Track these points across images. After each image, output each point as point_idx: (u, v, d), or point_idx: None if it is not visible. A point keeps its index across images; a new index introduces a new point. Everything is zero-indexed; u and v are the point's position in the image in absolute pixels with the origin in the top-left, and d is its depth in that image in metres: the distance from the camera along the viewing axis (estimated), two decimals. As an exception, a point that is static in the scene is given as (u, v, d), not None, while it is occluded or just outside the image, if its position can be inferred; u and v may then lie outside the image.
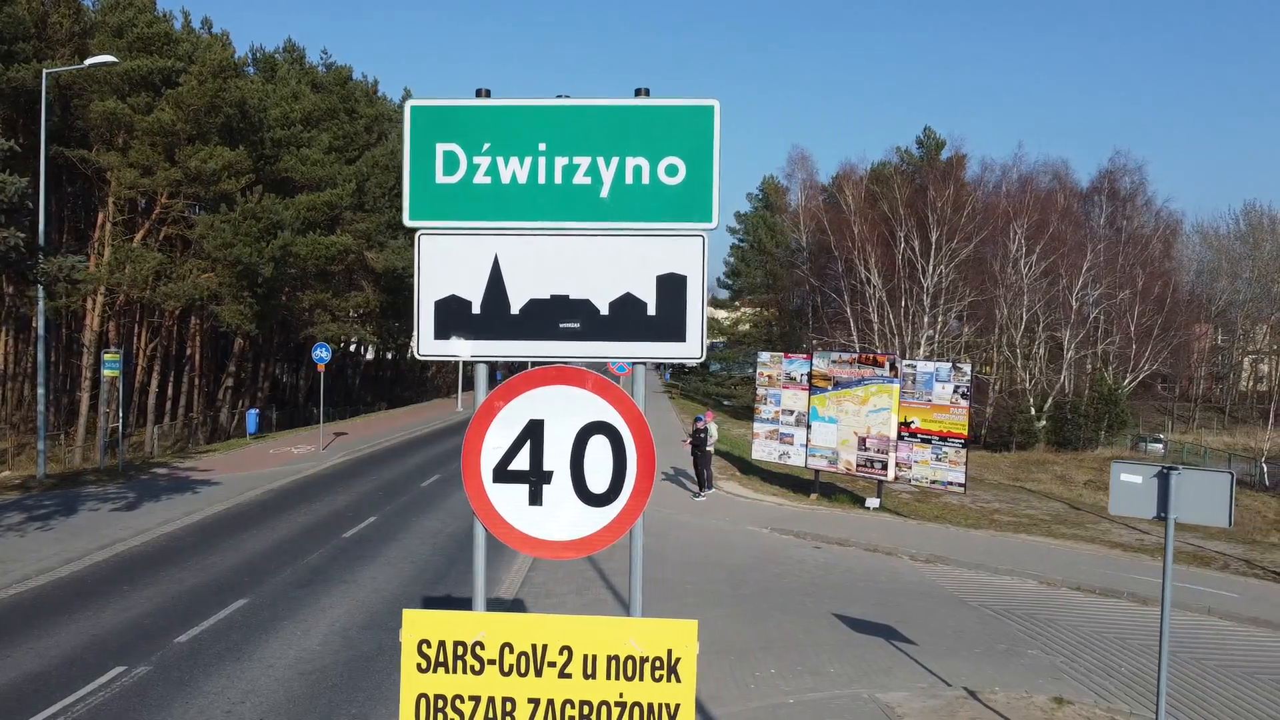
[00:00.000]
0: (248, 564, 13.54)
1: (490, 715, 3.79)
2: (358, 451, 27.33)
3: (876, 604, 12.41)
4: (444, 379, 60.82)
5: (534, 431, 3.77)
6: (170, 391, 36.81)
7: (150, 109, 27.26)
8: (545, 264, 3.80)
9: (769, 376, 22.76)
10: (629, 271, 3.78)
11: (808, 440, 21.61)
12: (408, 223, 3.84)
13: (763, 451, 22.77)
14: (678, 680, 3.81)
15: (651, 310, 3.79)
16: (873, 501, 20.44)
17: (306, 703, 8.40)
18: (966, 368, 19.55)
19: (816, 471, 21.82)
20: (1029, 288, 51.93)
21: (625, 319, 3.79)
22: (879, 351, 48.83)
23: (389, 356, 67.41)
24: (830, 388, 21.20)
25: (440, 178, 3.79)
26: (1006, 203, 54.89)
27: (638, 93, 3.82)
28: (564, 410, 3.75)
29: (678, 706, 3.78)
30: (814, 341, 54.40)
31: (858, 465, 20.65)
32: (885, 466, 20.13)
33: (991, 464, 43.99)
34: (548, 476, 3.77)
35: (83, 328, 30.47)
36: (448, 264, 3.81)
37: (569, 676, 3.79)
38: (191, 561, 13.59)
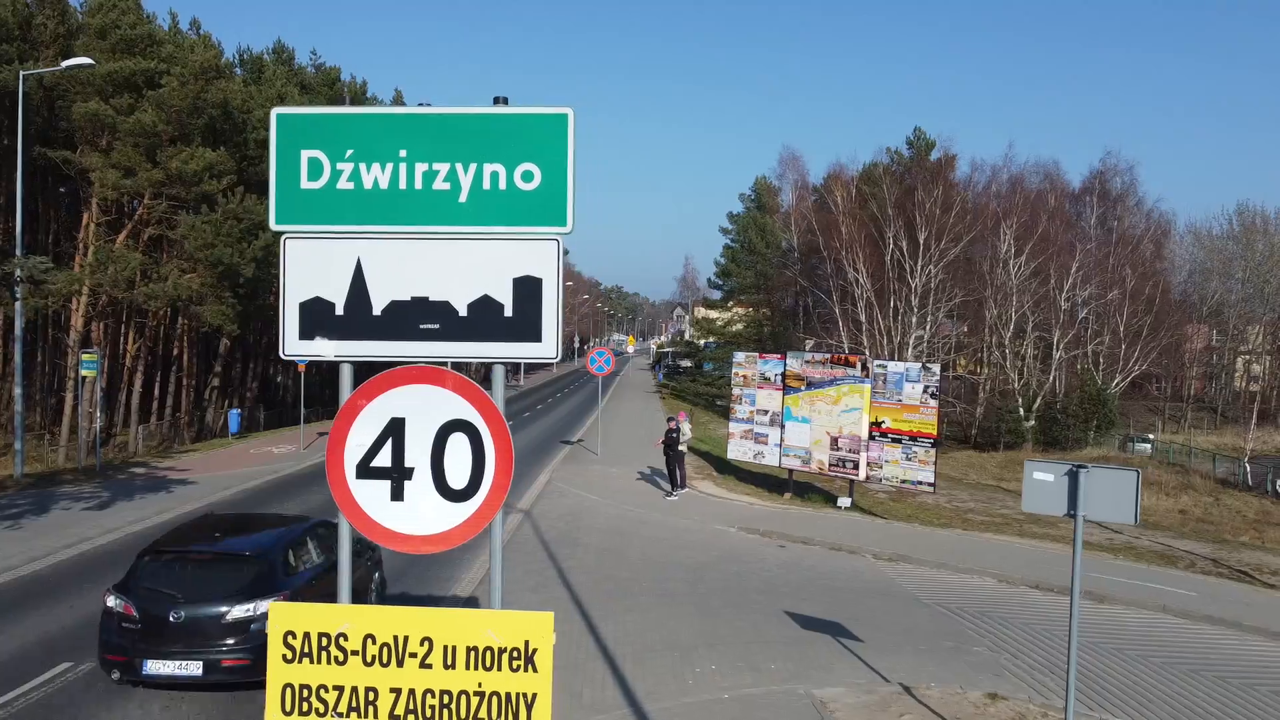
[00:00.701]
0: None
1: (354, 704, 3.90)
2: (339, 451, 27.44)
3: (830, 602, 12.52)
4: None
5: (396, 429, 3.89)
6: (157, 391, 36.93)
7: (133, 110, 27.39)
8: (406, 267, 3.92)
9: (744, 376, 22.88)
10: (487, 274, 3.90)
11: (782, 440, 21.72)
12: (273, 227, 3.96)
13: (738, 451, 22.89)
14: (535, 670, 3.92)
15: (509, 312, 3.91)
16: (844, 501, 20.56)
17: (245, 691, 8.52)
18: (936, 368, 19.67)
19: (790, 471, 21.94)
20: (1018, 288, 52.06)
21: (483, 320, 3.91)
22: (868, 352, 48.98)
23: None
24: (803, 388, 21.32)
25: (305, 183, 3.91)
26: (996, 203, 55.05)
27: (496, 101, 3.94)
28: (425, 409, 3.86)
29: (534, 696, 3.89)
30: (807, 342, 54.58)
31: (830, 465, 20.76)
32: (857, 466, 20.25)
33: (978, 464, 44.18)
34: (409, 473, 3.89)
35: (69, 328, 30.58)
36: (312, 267, 3.93)
37: (430, 667, 3.90)
38: (155, 560, 13.70)
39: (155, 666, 8.11)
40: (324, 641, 3.94)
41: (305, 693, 3.92)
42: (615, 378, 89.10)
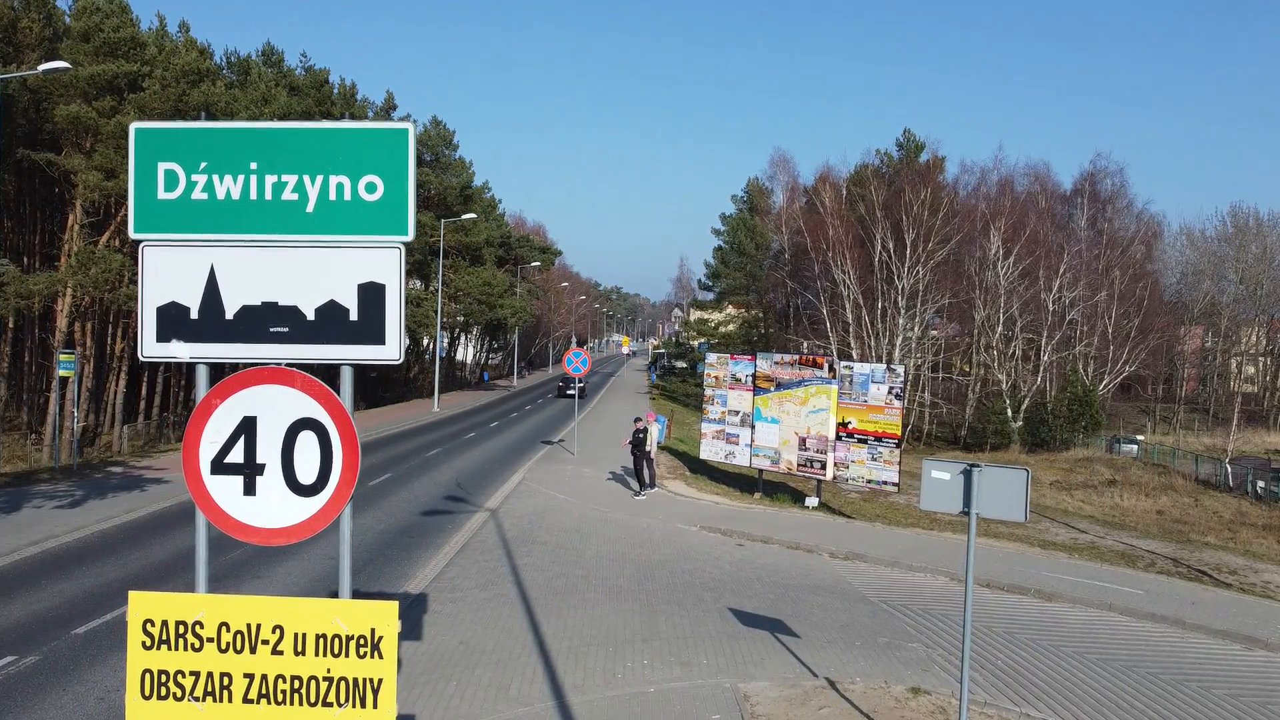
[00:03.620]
0: (172, 559, 13.87)
1: (209, 689, 4.12)
2: (319, 451, 27.67)
3: (775, 599, 12.73)
4: (425, 380, 61.10)
5: (248, 427, 4.10)
6: (144, 391, 37.16)
7: (116, 113, 27.63)
8: (257, 273, 4.13)
9: (716, 378, 23.10)
10: (333, 280, 4.12)
11: (752, 440, 21.94)
12: (132, 236, 4.18)
13: (710, 451, 23.11)
14: (380, 657, 4.13)
15: (354, 316, 4.12)
16: (811, 500, 20.76)
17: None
18: (900, 369, 19.89)
19: (760, 471, 22.16)
20: (1007, 289, 52.26)
21: (330, 324, 4.12)
22: (856, 353, 49.16)
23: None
24: (773, 389, 21.53)
25: (162, 194, 4.12)
26: (985, 205, 55.22)
27: (342, 118, 4.15)
28: (276, 407, 4.08)
29: (380, 680, 4.10)
30: (803, 344, 54.75)
31: (798, 465, 20.98)
32: (824, 466, 20.46)
33: (963, 465, 44.29)
34: (261, 469, 4.10)
35: (54, 329, 30.80)
36: (169, 273, 4.14)
37: (281, 653, 4.11)
38: (114, 557, 13.93)
39: None
40: (181, 629, 4.15)
41: (164, 678, 4.13)
42: (611, 378, 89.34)
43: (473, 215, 52.40)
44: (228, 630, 4.13)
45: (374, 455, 27.29)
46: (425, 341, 64.23)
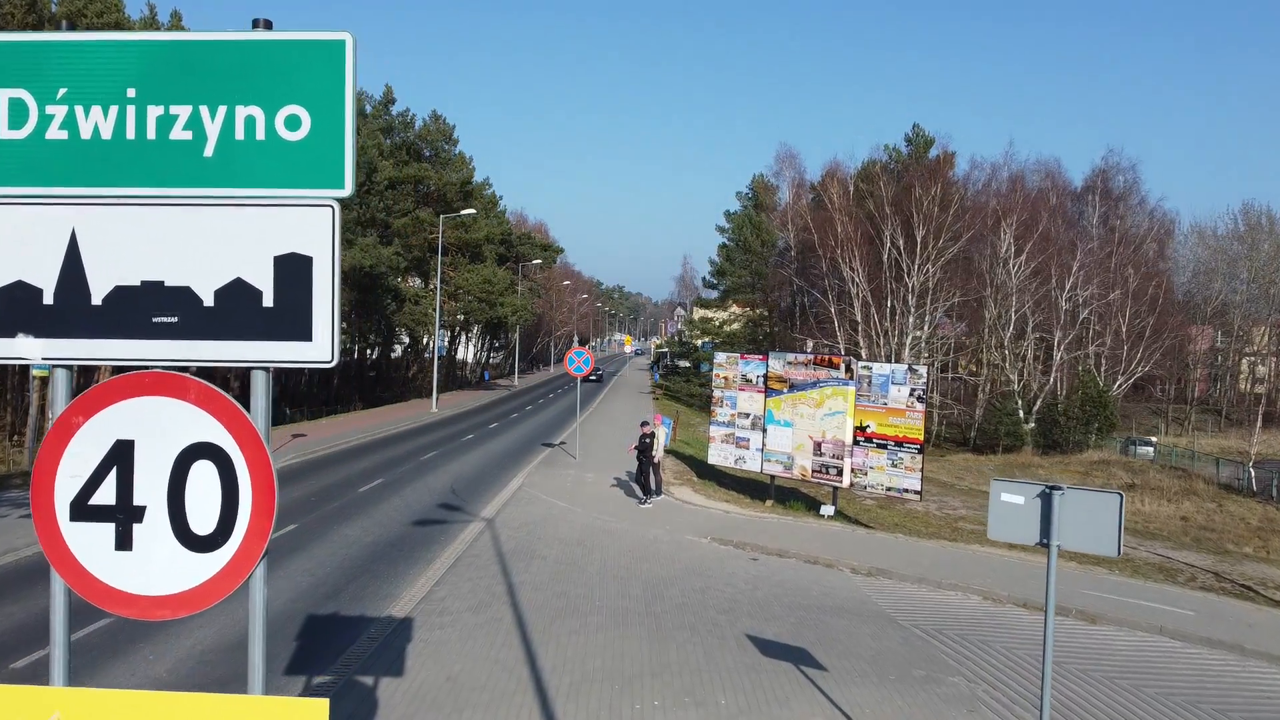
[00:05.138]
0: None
1: (68, 818, 2.97)
2: (310, 454, 26.55)
3: (797, 623, 11.58)
4: (424, 380, 59.99)
5: (122, 455, 2.95)
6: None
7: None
8: (135, 242, 2.98)
9: (725, 378, 21.95)
10: (240, 251, 2.97)
11: (763, 444, 20.80)
12: (-38, 188, 3.02)
13: (718, 456, 21.96)
14: (305, 771, 2.97)
15: (268, 300, 2.97)
16: (827, 509, 19.61)
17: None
18: (923, 370, 18.71)
19: (772, 477, 21.01)
20: (1018, 288, 51.04)
21: (235, 312, 2.97)
22: (865, 352, 47.97)
23: (372, 356, 66.70)
24: (785, 390, 20.39)
25: (4, 132, 2.97)
26: (996, 201, 54.00)
27: (256, 25, 3.00)
28: (160, 428, 2.93)
29: (305, 804, 2.95)
30: (808, 343, 53.57)
31: (813, 471, 19.83)
32: (841, 473, 19.31)
33: (976, 467, 43.17)
34: (139, 513, 2.95)
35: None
36: (12, 242, 2.99)
37: (170, 767, 2.97)
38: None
39: None
40: (29, 733, 3.00)
41: (5, 802, 2.98)
42: (613, 377, 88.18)
43: (472, 211, 51.24)
44: (96, 735, 2.98)
45: (366, 459, 26.15)
46: (425, 340, 63.13)
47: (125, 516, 2.95)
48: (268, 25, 2.99)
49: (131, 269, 2.97)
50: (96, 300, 2.98)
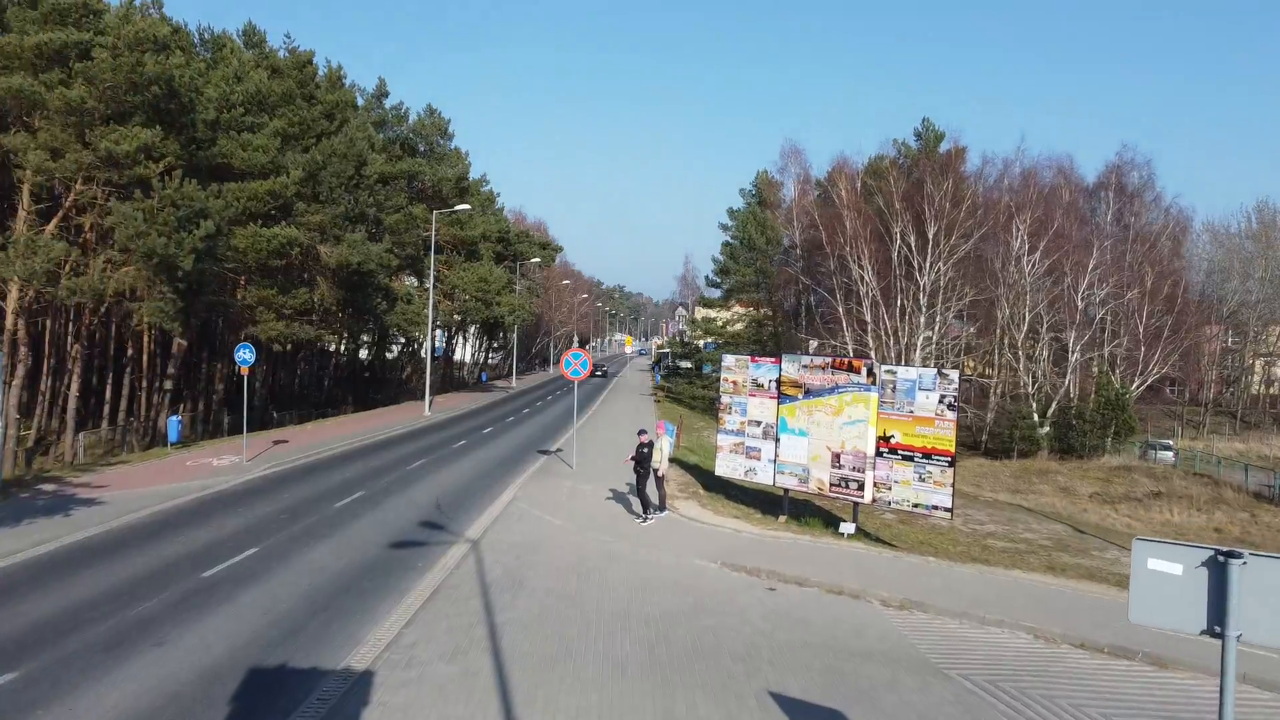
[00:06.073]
0: (58, 618, 11.03)
1: None
2: (289, 462, 24.83)
3: (826, 674, 9.87)
4: (421, 381, 58.33)
5: None
6: (109, 395, 34.36)
7: (65, 86, 24.79)
8: None
9: (734, 383, 20.24)
10: None
11: (776, 455, 19.09)
12: None
13: (727, 467, 20.24)
14: None
15: None
16: (847, 527, 17.90)
17: None
18: (954, 374, 16.97)
19: (785, 490, 19.30)
20: (1032, 287, 49.30)
21: None
22: (872, 354, 46.24)
23: (364, 357, 65.02)
24: (800, 396, 18.68)
25: None
26: (1009, 198, 52.26)
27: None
28: None
29: None
30: (811, 343, 51.86)
31: (831, 485, 18.12)
32: (861, 487, 17.60)
33: (991, 473, 41.45)
34: None
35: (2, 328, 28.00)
36: None
37: None
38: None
39: None
40: None
41: None
42: (613, 378, 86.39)
43: (467, 206, 49.48)
44: None
45: (347, 469, 24.43)
46: (422, 340, 61.43)
47: None
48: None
49: None
50: None
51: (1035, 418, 48.16)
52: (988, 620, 12.36)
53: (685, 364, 77.14)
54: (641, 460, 17.95)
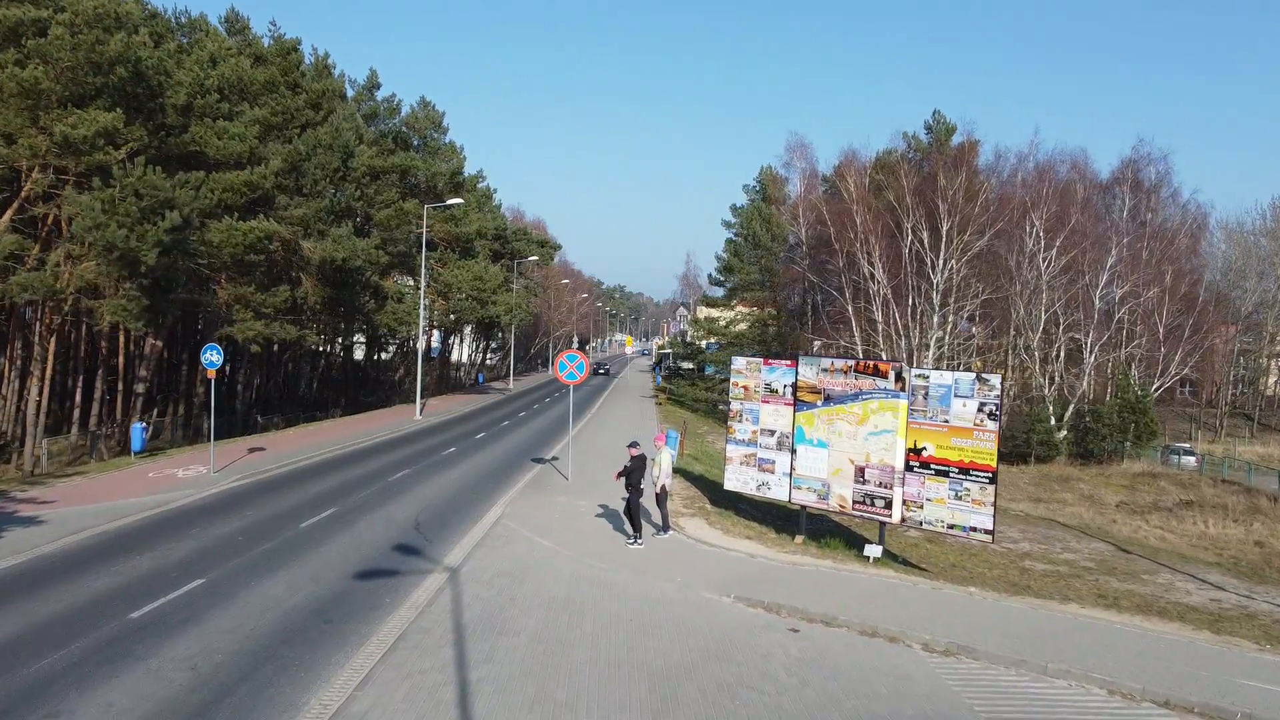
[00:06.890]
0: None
1: None
2: (260, 473, 22.95)
3: (873, 755, 8.00)
4: (413, 383, 56.46)
5: None
6: (79, 399, 32.49)
7: (20, 66, 22.92)
8: None
9: (745, 388, 18.38)
10: None
11: (792, 468, 17.23)
12: None
13: (737, 480, 18.38)
14: None
15: None
16: (873, 549, 16.02)
17: None
18: (995, 380, 15.08)
19: (803, 507, 17.43)
20: (1048, 285, 47.43)
21: None
22: (883, 355, 44.37)
23: (355, 357, 63.17)
24: (820, 403, 16.81)
25: None
26: (1023, 193, 50.36)
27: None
28: None
29: None
30: (815, 343, 49.99)
31: (854, 502, 16.25)
32: (889, 505, 15.72)
33: (1009, 480, 39.47)
34: None
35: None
36: None
37: None
38: None
39: None
40: None
41: None
42: (614, 379, 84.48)
43: (460, 201, 47.58)
44: None
45: (322, 480, 22.54)
46: (417, 337, 59.54)
47: None
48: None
49: None
50: None
51: (1052, 421, 46.24)
52: (1049, 670, 10.49)
53: (687, 365, 75.21)
54: (632, 470, 16.03)
